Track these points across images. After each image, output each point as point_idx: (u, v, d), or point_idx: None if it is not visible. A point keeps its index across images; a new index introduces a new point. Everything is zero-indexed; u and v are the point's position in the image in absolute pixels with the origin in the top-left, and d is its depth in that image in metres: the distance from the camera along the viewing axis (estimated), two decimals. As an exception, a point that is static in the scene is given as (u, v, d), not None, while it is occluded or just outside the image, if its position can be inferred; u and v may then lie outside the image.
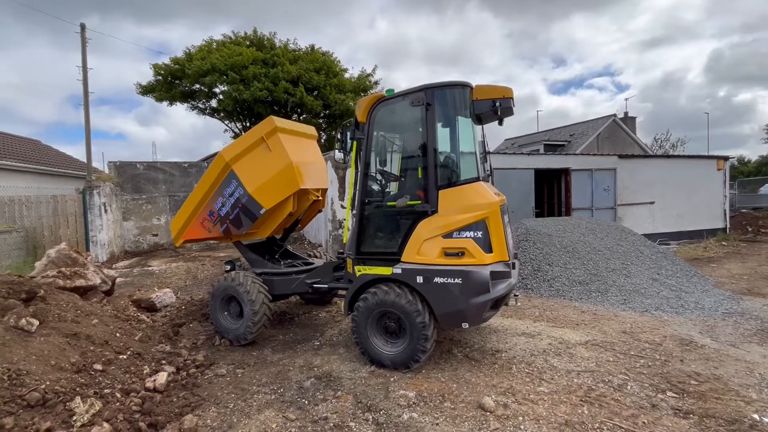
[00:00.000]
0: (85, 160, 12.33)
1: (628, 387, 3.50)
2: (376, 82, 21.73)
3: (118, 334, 4.04)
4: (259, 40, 19.94)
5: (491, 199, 3.82)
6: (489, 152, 4.72)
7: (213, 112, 21.47)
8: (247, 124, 20.47)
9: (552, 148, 22.06)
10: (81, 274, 5.28)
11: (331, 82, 19.58)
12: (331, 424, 3.06)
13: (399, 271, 3.86)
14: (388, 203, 4.17)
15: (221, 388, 3.75)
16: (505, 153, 10.55)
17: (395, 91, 4.14)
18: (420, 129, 3.96)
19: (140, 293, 6.53)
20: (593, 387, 3.50)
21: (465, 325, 3.71)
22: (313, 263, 5.62)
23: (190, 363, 4.21)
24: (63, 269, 5.02)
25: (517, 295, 4.45)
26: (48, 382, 2.98)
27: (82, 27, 12.49)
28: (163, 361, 4.01)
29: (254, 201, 4.87)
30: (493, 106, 3.92)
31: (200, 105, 21.18)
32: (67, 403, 2.92)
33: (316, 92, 19.66)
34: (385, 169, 4.40)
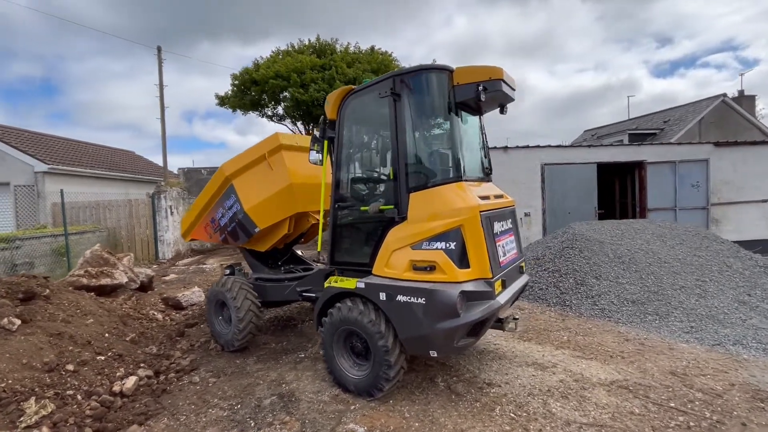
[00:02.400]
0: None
1: (644, 456, 2.60)
2: None
3: (107, 335, 4.23)
4: (321, 46, 20.59)
5: (470, 203, 3.17)
6: (488, 147, 4.01)
7: (280, 119, 22.73)
8: (309, 127, 21.25)
9: (640, 138, 19.10)
10: (107, 273, 5.74)
11: (386, 81, 19.42)
12: (258, 456, 2.77)
13: (362, 285, 3.41)
14: (361, 208, 3.73)
15: (186, 397, 3.68)
16: (559, 146, 9.21)
17: (369, 81, 3.69)
18: (389, 123, 3.46)
19: (170, 291, 6.97)
20: (592, 449, 2.67)
21: (433, 354, 3.13)
22: (313, 269, 5.39)
23: (173, 367, 4.26)
24: (89, 269, 5.49)
25: (517, 318, 3.68)
26: (10, 381, 3.15)
27: (159, 49, 14.05)
28: (143, 364, 4.09)
29: (249, 219, 4.74)
30: (477, 92, 3.27)
31: (268, 112, 22.55)
32: (21, 403, 3.05)
33: (372, 92, 19.64)
34: (358, 170, 3.96)
